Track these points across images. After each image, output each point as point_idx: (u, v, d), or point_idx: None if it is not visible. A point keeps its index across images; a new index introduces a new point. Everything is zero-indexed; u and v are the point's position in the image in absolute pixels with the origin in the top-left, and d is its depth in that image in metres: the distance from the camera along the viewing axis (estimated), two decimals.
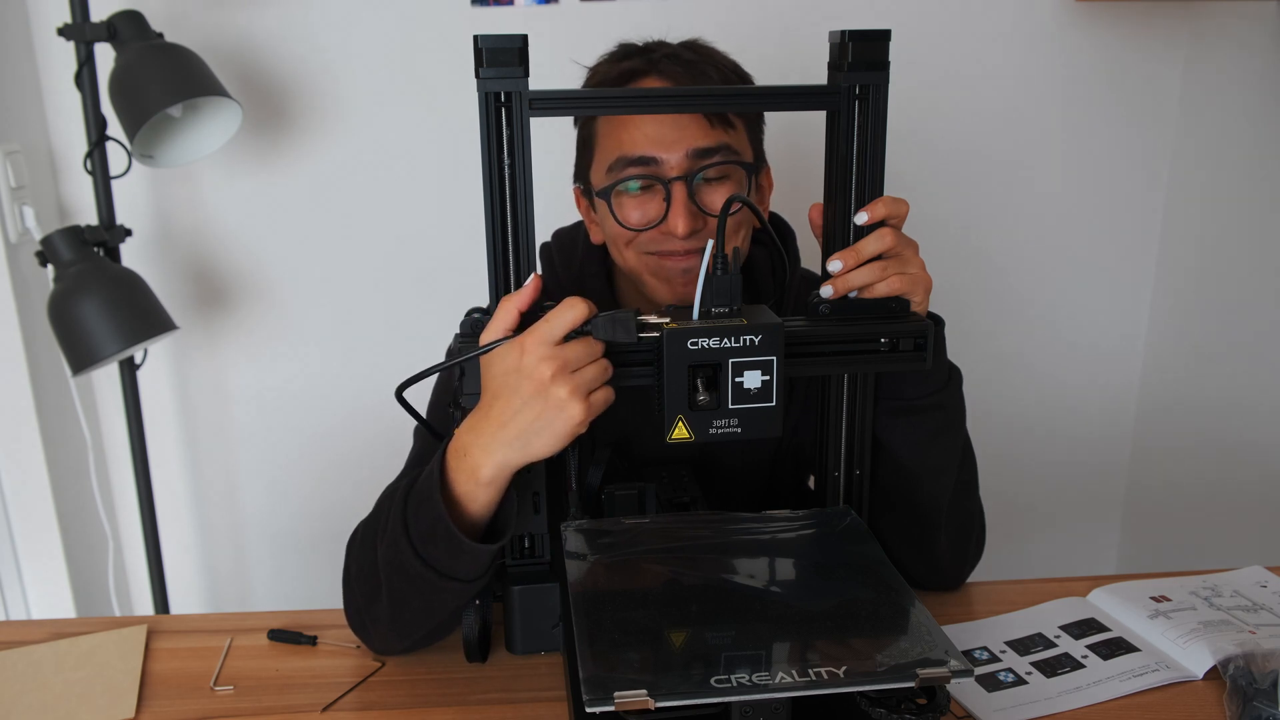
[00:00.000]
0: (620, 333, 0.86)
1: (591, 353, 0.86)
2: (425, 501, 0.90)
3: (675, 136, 1.03)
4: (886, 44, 0.91)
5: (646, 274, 1.10)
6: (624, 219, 1.07)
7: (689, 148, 1.03)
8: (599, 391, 0.86)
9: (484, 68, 0.86)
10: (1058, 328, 2.06)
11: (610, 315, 0.86)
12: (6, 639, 1.09)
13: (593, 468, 1.11)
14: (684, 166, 1.03)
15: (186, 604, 2.07)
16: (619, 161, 1.05)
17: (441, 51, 1.80)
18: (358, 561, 1.00)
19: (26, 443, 1.79)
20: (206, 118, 1.68)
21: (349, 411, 1.97)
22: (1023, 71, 1.90)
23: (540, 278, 0.89)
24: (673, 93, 1.04)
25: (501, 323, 0.87)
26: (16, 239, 1.72)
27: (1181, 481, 2.00)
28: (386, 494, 1.02)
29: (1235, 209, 1.83)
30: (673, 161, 1.04)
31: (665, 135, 1.03)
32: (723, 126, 1.05)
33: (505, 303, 0.88)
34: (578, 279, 1.17)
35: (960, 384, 1.05)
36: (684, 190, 1.03)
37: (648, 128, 1.04)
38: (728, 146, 1.04)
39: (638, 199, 1.07)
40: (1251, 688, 0.91)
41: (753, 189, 1.08)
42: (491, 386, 0.87)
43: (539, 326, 0.85)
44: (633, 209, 1.07)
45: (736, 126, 1.07)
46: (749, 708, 0.77)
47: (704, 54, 1.10)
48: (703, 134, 1.04)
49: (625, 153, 1.05)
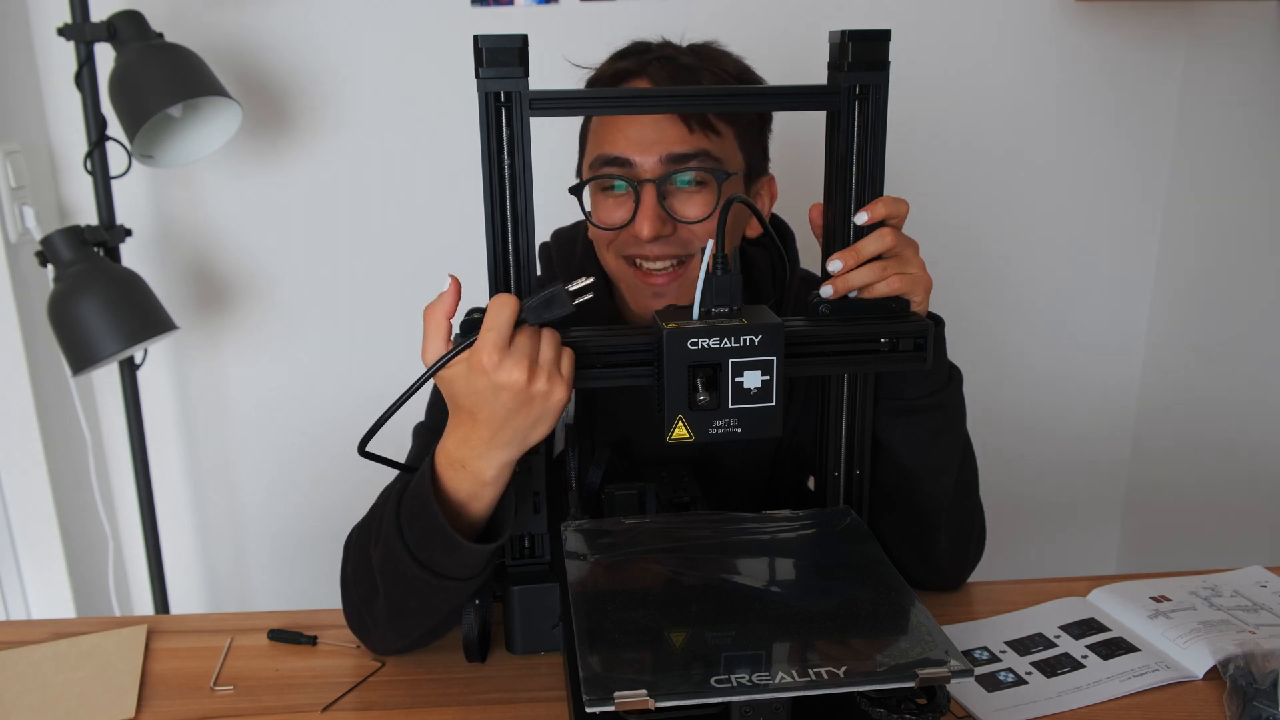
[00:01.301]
0: (557, 309, 0.85)
1: (538, 334, 0.85)
2: (419, 506, 0.90)
3: (652, 139, 1.03)
4: (886, 44, 0.91)
5: (622, 282, 1.11)
6: (597, 218, 1.08)
7: (664, 152, 1.03)
8: (565, 361, 0.86)
9: (484, 68, 0.86)
10: (1058, 327, 2.06)
11: (540, 298, 0.85)
12: (6, 639, 1.09)
13: (593, 468, 1.11)
14: (657, 170, 1.03)
15: (186, 604, 2.07)
16: (598, 160, 1.05)
17: (441, 51, 1.80)
18: (354, 563, 1.00)
19: (26, 443, 1.79)
20: (206, 118, 1.68)
21: (349, 411, 1.97)
22: (1023, 71, 1.90)
23: (457, 280, 0.88)
24: (672, 93, 1.03)
25: (437, 336, 0.86)
26: (16, 239, 1.72)
27: (1182, 481, 2.00)
28: (384, 496, 1.02)
29: (1235, 208, 1.83)
30: (647, 165, 1.03)
31: (643, 137, 1.03)
32: (704, 131, 1.04)
33: (431, 313, 0.86)
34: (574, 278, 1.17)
35: (960, 384, 1.05)
36: (653, 194, 1.03)
37: (628, 129, 1.04)
38: (706, 153, 1.03)
39: (613, 199, 1.07)
40: (1251, 688, 0.91)
41: (723, 198, 1.04)
42: (466, 404, 0.86)
43: (485, 339, 0.83)
44: (606, 209, 1.07)
45: (723, 133, 1.05)
46: (749, 708, 0.77)
47: (707, 58, 1.09)
48: (680, 139, 1.03)
49: (604, 152, 1.05)
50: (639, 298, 1.10)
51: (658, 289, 1.07)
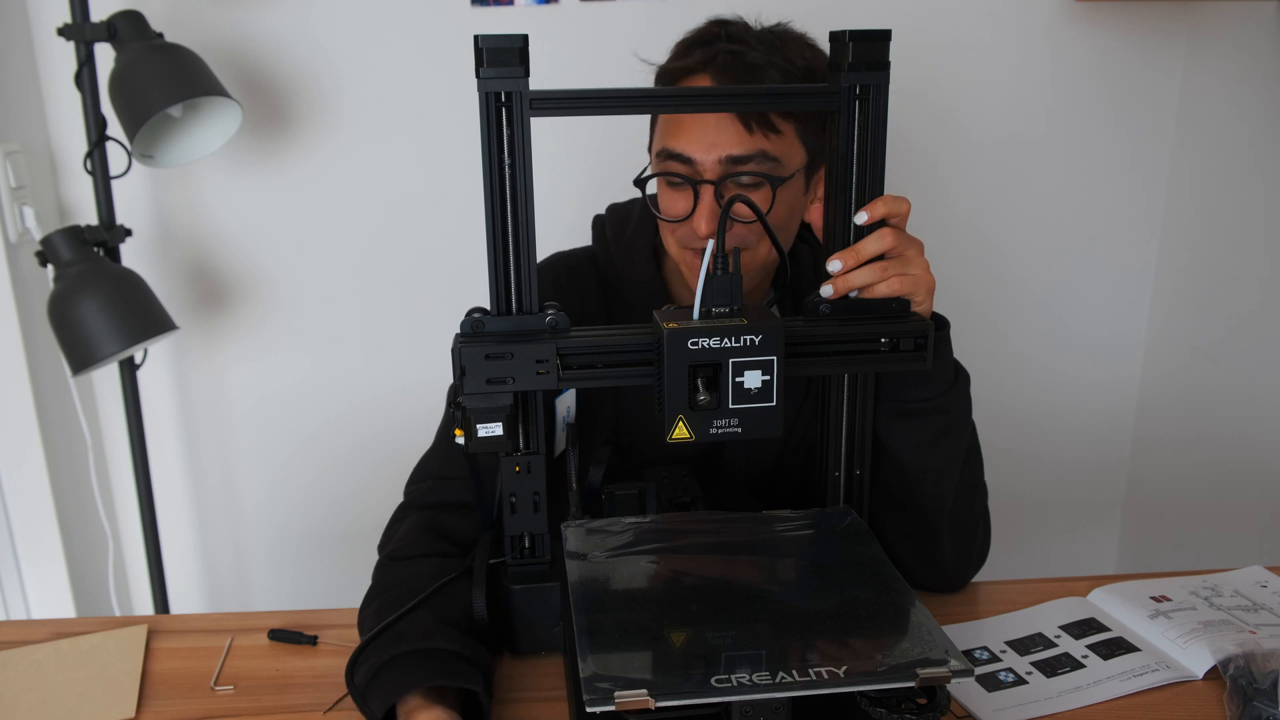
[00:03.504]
0: None
1: None
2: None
3: (712, 140, 1.03)
4: (887, 44, 0.91)
5: (683, 265, 1.12)
6: (662, 206, 1.10)
7: (724, 154, 1.03)
8: None
9: (484, 68, 0.86)
10: (1057, 327, 2.06)
11: None
12: (7, 639, 1.09)
13: (593, 468, 1.11)
14: (716, 171, 1.04)
15: (186, 604, 2.07)
16: (663, 152, 1.07)
17: (441, 51, 1.80)
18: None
19: (26, 443, 1.79)
20: (206, 118, 1.68)
21: (349, 411, 1.97)
22: (1022, 71, 1.90)
23: None
24: (671, 93, 1.04)
25: None
26: (16, 239, 1.72)
27: (1182, 481, 2.00)
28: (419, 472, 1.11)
29: (1235, 208, 1.83)
30: (707, 164, 1.04)
31: (704, 137, 1.04)
32: (763, 131, 1.03)
33: None
34: (626, 250, 1.18)
35: (967, 387, 1.05)
36: (710, 194, 1.04)
37: (692, 127, 1.04)
38: (763, 154, 1.03)
39: (675, 192, 1.08)
40: (1251, 688, 0.91)
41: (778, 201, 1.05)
42: None
43: None
44: (670, 199, 1.09)
45: (783, 130, 1.05)
46: (749, 708, 0.77)
47: (778, 46, 1.06)
48: (738, 140, 1.03)
49: (668, 146, 1.06)
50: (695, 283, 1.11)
51: None
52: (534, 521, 0.99)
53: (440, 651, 0.91)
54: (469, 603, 0.98)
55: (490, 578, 0.99)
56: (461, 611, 0.97)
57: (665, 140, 1.06)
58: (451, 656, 0.90)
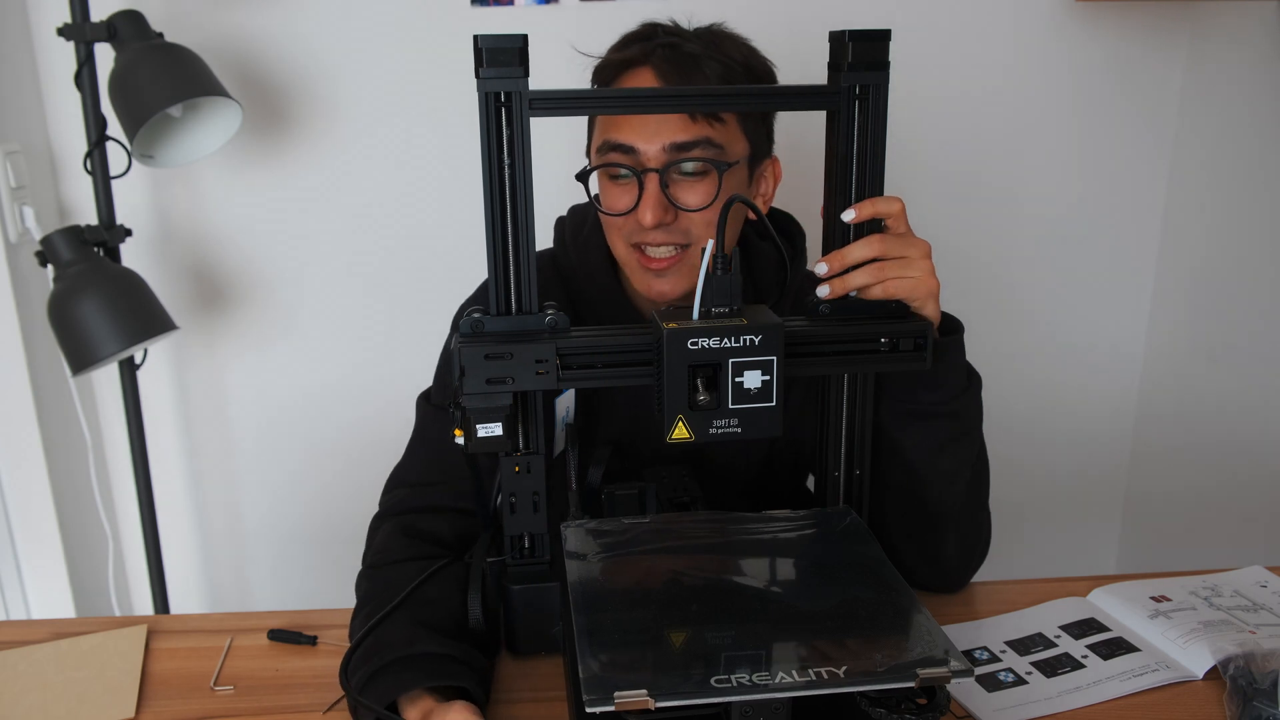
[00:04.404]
0: None
1: None
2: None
3: (655, 128, 1.04)
4: (886, 44, 0.91)
5: (626, 266, 1.12)
6: (605, 203, 1.10)
7: (667, 141, 1.04)
8: None
9: (484, 68, 0.86)
10: (1058, 328, 2.06)
11: None
12: (6, 639, 1.09)
13: (593, 468, 1.11)
14: (660, 159, 1.04)
15: (186, 604, 2.07)
16: (605, 145, 1.07)
17: (441, 51, 1.80)
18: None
19: (26, 443, 1.79)
20: (206, 118, 1.68)
21: (349, 411, 1.97)
22: (1023, 71, 1.90)
23: None
24: (676, 92, 1.04)
25: None
26: (16, 239, 1.72)
27: (1181, 481, 2.00)
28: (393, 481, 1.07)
29: (1236, 209, 1.83)
30: (650, 153, 1.04)
31: (647, 126, 1.04)
32: (706, 119, 1.04)
33: None
34: (582, 252, 1.18)
35: (979, 390, 1.04)
36: (656, 182, 1.04)
37: (633, 117, 1.05)
38: (708, 141, 1.04)
39: (619, 186, 1.08)
40: (1251, 688, 0.91)
41: (724, 188, 1.06)
42: None
43: None
44: (613, 195, 1.09)
45: (726, 120, 1.06)
46: (749, 708, 0.77)
47: (714, 43, 1.09)
48: (682, 128, 1.04)
49: (610, 138, 1.06)
50: (642, 280, 1.11)
51: (659, 271, 1.09)
52: (534, 521, 0.99)
53: (427, 655, 0.91)
54: (456, 607, 0.98)
55: (487, 578, 0.99)
56: (450, 616, 0.97)
57: (607, 133, 1.06)
58: (440, 659, 0.90)
